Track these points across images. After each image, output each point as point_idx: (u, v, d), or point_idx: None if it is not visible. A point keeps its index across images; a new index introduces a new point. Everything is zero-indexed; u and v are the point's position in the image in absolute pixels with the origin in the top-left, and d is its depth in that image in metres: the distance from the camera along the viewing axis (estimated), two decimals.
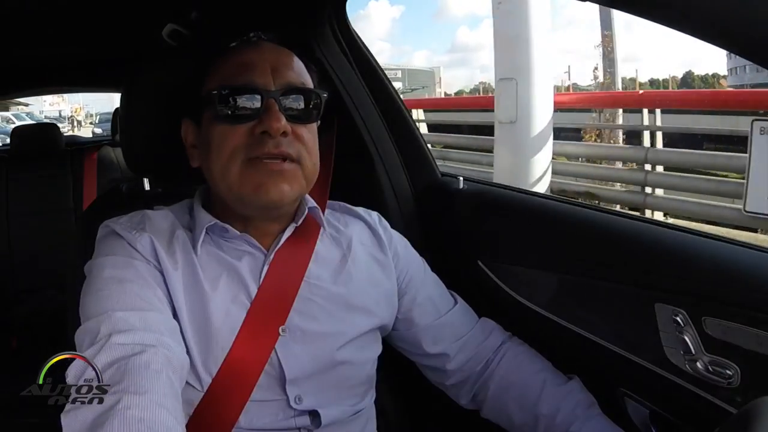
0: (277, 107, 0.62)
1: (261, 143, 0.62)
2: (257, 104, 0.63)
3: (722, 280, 0.61)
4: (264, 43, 0.68)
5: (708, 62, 42.08)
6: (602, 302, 0.73)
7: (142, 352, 0.52)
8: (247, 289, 0.66)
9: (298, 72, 0.67)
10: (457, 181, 0.94)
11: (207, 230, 0.66)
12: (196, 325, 0.62)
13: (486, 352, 0.80)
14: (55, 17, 1.15)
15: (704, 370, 0.63)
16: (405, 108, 1.00)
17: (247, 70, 0.64)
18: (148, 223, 0.66)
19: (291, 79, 0.65)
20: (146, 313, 0.57)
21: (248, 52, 0.66)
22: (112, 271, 0.61)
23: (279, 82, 0.64)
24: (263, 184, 0.62)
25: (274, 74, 0.64)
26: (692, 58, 54.93)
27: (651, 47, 38.25)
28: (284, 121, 0.62)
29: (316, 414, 0.65)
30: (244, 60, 0.65)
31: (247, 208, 0.66)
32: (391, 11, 34.93)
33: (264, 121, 0.62)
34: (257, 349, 0.63)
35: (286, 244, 0.69)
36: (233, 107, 0.63)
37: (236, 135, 0.63)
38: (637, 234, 0.71)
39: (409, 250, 0.81)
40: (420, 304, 0.78)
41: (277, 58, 0.66)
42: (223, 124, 0.64)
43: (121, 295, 0.58)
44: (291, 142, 0.63)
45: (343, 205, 0.80)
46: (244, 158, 0.62)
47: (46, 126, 2.52)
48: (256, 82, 0.64)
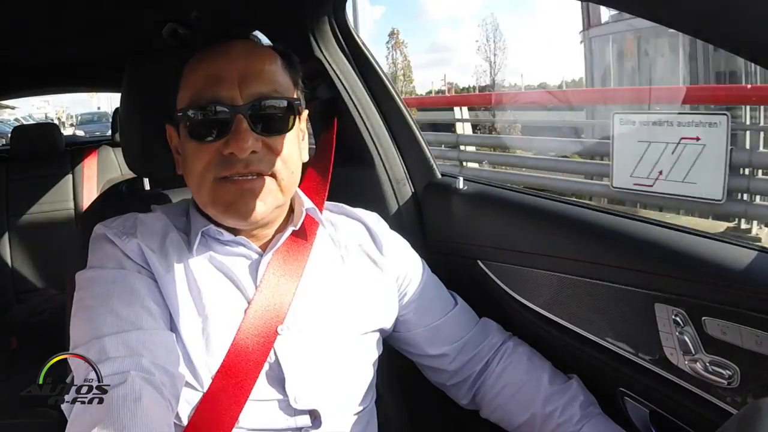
0: (246, 124, 0.60)
1: (230, 163, 0.61)
2: (225, 122, 0.61)
3: (722, 280, 0.61)
4: (234, 48, 0.64)
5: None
6: (602, 302, 0.73)
7: (120, 383, 0.53)
8: (244, 290, 0.66)
9: (270, 79, 0.64)
10: (457, 181, 0.94)
11: (202, 233, 0.66)
12: (194, 327, 0.63)
13: (486, 352, 0.80)
14: (54, 17, 1.15)
15: (704, 370, 0.63)
16: (405, 108, 1.00)
17: (214, 83, 0.62)
18: (141, 227, 0.66)
19: (261, 89, 0.62)
20: (129, 334, 0.57)
21: (217, 62, 0.63)
22: (99, 288, 0.61)
23: (247, 94, 0.61)
24: (233, 203, 0.62)
25: (242, 86, 0.62)
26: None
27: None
28: (251, 141, 0.60)
29: (317, 414, 0.65)
30: (211, 71, 0.63)
31: (225, 224, 0.66)
32: (372, 12, 34.70)
33: (230, 142, 0.60)
34: (256, 349, 0.63)
35: (284, 245, 0.69)
36: (201, 126, 0.62)
37: (206, 154, 0.62)
38: (637, 234, 0.71)
39: (409, 252, 0.81)
40: (420, 306, 0.78)
41: (246, 65, 0.63)
42: (193, 141, 0.63)
43: (106, 317, 0.58)
44: (263, 157, 0.62)
45: (341, 206, 0.80)
46: (215, 177, 0.62)
47: (46, 126, 2.52)
48: (223, 97, 0.61)
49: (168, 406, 0.56)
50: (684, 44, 7.46)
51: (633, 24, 8.36)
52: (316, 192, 0.78)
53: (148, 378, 0.55)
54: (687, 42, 7.22)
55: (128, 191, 0.91)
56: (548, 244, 0.80)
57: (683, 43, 7.43)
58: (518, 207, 0.87)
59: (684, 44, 7.46)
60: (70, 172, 2.20)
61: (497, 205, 0.90)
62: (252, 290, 0.66)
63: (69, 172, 2.20)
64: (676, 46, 7.67)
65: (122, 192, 0.91)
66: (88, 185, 2.19)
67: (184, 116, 0.63)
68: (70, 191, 2.18)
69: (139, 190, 0.90)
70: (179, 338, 0.62)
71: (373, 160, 0.97)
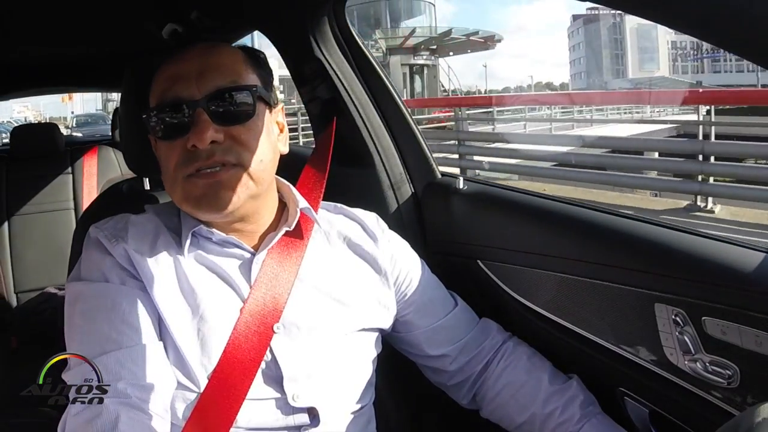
0: (205, 116, 0.62)
1: (194, 158, 0.62)
2: (186, 117, 0.63)
3: (722, 280, 0.61)
4: (193, 49, 0.67)
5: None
6: (602, 302, 0.73)
7: (97, 416, 0.55)
8: (238, 289, 0.66)
9: (229, 70, 0.65)
10: (457, 181, 0.94)
11: (193, 233, 0.66)
12: (188, 328, 0.63)
13: (486, 353, 0.80)
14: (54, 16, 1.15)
15: (704, 370, 0.63)
16: (405, 107, 1.00)
17: (173, 83, 0.64)
18: (132, 229, 0.67)
19: (219, 81, 0.64)
20: (108, 357, 0.59)
21: (176, 63, 0.66)
22: (84, 305, 0.63)
23: (205, 88, 0.63)
24: (203, 197, 0.63)
25: (199, 81, 0.63)
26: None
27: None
28: (210, 132, 0.61)
29: (315, 412, 0.65)
30: (171, 72, 0.65)
31: (204, 217, 0.66)
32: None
33: (191, 136, 0.62)
34: (252, 348, 0.63)
35: (278, 244, 0.69)
36: (165, 125, 0.64)
37: (173, 152, 0.64)
38: (637, 234, 0.71)
39: (408, 252, 0.81)
40: (419, 307, 0.78)
41: (203, 62, 0.65)
42: (161, 142, 0.65)
43: (89, 337, 0.60)
44: (227, 147, 0.63)
45: (339, 206, 0.80)
46: (184, 175, 0.63)
47: (46, 126, 2.52)
48: (182, 94, 0.63)
49: (154, 418, 0.57)
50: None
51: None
52: (312, 190, 0.78)
53: (125, 401, 0.56)
54: None
55: (128, 191, 0.91)
56: (548, 244, 0.80)
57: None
58: (518, 207, 0.87)
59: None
60: (70, 171, 2.20)
61: (497, 205, 0.90)
62: (246, 289, 0.66)
63: (69, 171, 2.19)
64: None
65: (122, 192, 0.91)
66: (88, 185, 2.19)
67: (149, 118, 0.65)
68: (70, 191, 2.18)
69: (139, 190, 0.90)
70: (172, 341, 0.62)
71: (373, 160, 0.97)
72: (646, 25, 24.01)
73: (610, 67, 24.06)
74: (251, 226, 0.69)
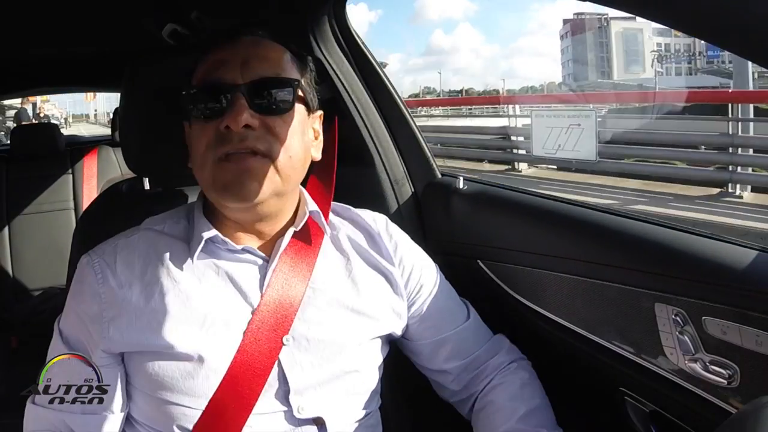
0: (244, 101, 0.61)
1: (227, 139, 0.61)
2: (225, 100, 0.62)
3: (722, 280, 0.61)
4: (243, 39, 0.67)
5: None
6: (602, 302, 0.73)
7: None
8: (249, 298, 0.65)
9: (275, 63, 0.65)
10: (457, 180, 0.94)
11: (206, 241, 0.65)
12: (194, 339, 0.62)
13: (489, 372, 0.77)
14: (54, 16, 1.15)
15: (704, 370, 0.63)
16: (405, 107, 1.00)
17: (219, 67, 0.64)
18: (121, 253, 0.66)
19: (262, 72, 0.64)
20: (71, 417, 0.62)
21: (223, 49, 0.65)
22: (59, 348, 0.65)
23: (248, 75, 0.63)
24: (230, 185, 0.61)
25: (244, 68, 0.63)
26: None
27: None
28: (246, 115, 0.60)
29: (321, 421, 0.64)
30: (217, 57, 0.65)
31: (226, 209, 0.65)
32: (369, 15, 35.30)
33: (226, 116, 0.61)
34: (260, 360, 0.62)
35: (290, 251, 0.67)
36: (203, 105, 0.63)
37: (206, 133, 0.63)
38: (637, 234, 0.71)
39: (420, 257, 0.78)
40: (428, 316, 0.75)
41: (251, 51, 0.65)
42: (197, 123, 0.64)
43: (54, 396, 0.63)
44: (260, 136, 0.62)
45: (347, 208, 0.77)
46: (214, 158, 0.62)
47: (46, 126, 2.52)
48: (225, 78, 0.63)
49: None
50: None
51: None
52: (322, 195, 0.76)
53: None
54: None
55: (128, 191, 0.90)
56: (548, 243, 0.80)
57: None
58: (518, 207, 0.87)
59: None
60: (70, 172, 2.20)
61: (497, 205, 0.90)
62: (257, 298, 0.65)
63: (69, 171, 2.20)
64: None
65: (122, 192, 0.91)
66: (88, 185, 2.19)
67: (188, 96, 0.64)
68: (70, 191, 2.18)
69: (139, 190, 0.90)
70: (173, 353, 0.61)
71: (373, 160, 0.97)
72: (631, 29, 24.25)
73: (596, 69, 24.33)
74: (269, 227, 0.68)
